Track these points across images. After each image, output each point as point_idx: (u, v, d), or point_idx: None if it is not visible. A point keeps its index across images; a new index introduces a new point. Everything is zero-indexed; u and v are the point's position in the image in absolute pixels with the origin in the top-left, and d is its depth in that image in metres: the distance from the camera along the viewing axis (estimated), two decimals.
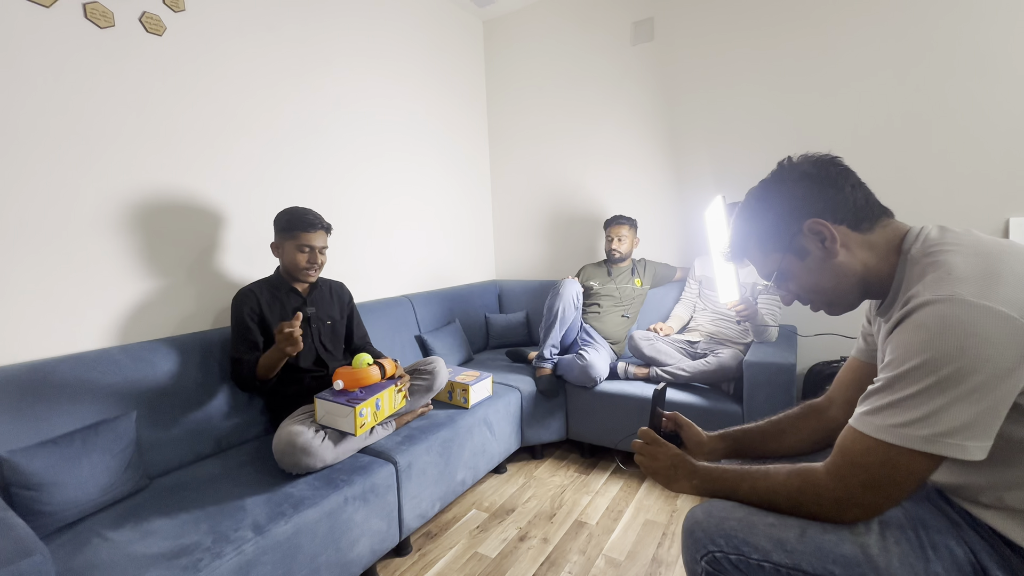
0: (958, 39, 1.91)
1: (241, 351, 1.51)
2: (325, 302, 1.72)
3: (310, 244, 1.58)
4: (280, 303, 1.61)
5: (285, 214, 1.59)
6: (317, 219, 1.60)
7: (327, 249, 1.65)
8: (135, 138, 1.52)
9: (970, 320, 0.56)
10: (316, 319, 1.66)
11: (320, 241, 1.61)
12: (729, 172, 2.42)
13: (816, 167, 0.75)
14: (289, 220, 1.57)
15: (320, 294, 1.71)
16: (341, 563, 1.28)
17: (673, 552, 1.54)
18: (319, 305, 1.69)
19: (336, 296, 1.78)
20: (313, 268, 1.61)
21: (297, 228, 1.56)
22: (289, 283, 1.63)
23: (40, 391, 1.23)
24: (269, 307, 1.58)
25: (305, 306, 1.64)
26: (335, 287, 1.80)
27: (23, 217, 1.30)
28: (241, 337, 1.52)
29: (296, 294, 1.65)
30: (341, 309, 1.78)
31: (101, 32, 1.43)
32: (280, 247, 1.60)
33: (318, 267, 1.62)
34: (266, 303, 1.57)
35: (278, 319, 1.57)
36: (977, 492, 0.68)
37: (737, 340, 2.11)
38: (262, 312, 1.56)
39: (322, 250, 1.62)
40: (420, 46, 2.64)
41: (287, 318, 1.58)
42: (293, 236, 1.57)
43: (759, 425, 0.97)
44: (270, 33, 1.89)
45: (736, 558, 0.71)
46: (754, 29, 2.29)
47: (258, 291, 1.58)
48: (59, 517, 1.11)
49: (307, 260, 1.59)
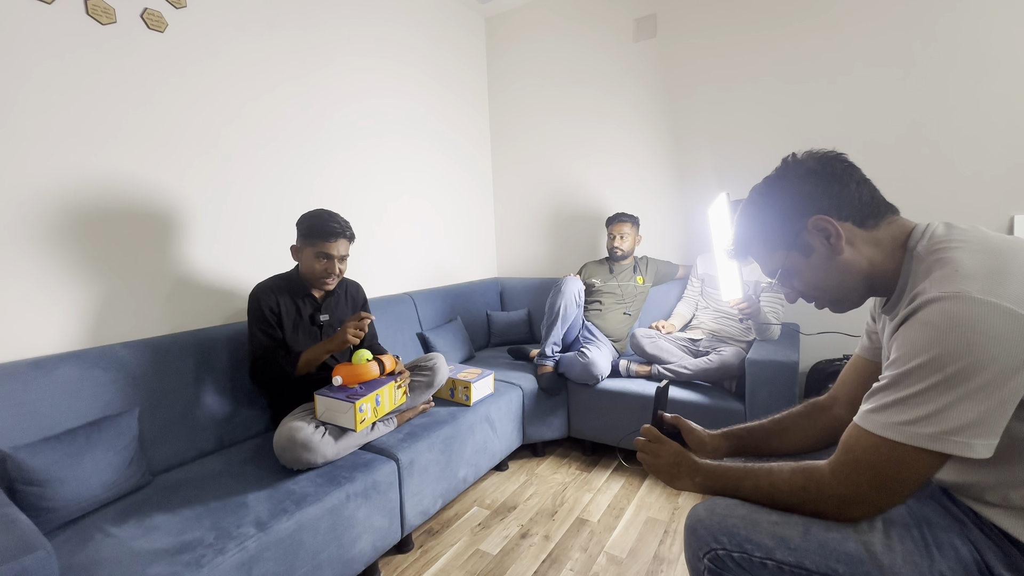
0: (961, 35, 1.89)
1: (267, 350, 1.49)
2: (340, 307, 1.69)
3: (329, 253, 1.52)
4: (296, 307, 1.58)
5: (308, 218, 1.54)
6: (341, 227, 1.53)
7: (348, 258, 1.60)
8: (137, 135, 1.51)
9: (977, 317, 0.56)
10: (328, 327, 1.64)
11: (341, 250, 1.55)
12: (732, 169, 2.41)
13: (821, 163, 0.75)
14: (311, 226, 1.52)
15: (335, 299, 1.68)
16: (343, 560, 1.29)
17: (675, 550, 1.54)
18: (333, 312, 1.66)
19: (351, 299, 1.76)
20: (331, 277, 1.56)
21: (317, 236, 1.51)
22: (307, 287, 1.60)
23: (43, 388, 1.23)
24: (286, 308, 1.56)
25: (318, 313, 1.62)
26: (351, 288, 1.77)
27: (25, 213, 1.31)
28: (265, 335, 1.50)
29: (312, 299, 1.62)
30: (355, 310, 1.75)
31: (102, 29, 1.43)
32: (300, 251, 1.56)
33: (336, 276, 1.57)
34: (284, 303, 1.55)
35: (291, 322, 1.56)
36: (982, 490, 0.68)
37: (739, 338, 2.11)
38: (279, 312, 1.54)
39: (342, 259, 1.57)
40: (422, 43, 2.64)
41: (301, 323, 1.58)
42: (313, 243, 1.52)
43: (762, 423, 0.97)
44: (272, 31, 1.89)
45: (739, 556, 0.71)
46: (757, 25, 2.28)
47: (276, 290, 1.55)
48: (62, 513, 1.11)
49: (325, 269, 1.54)
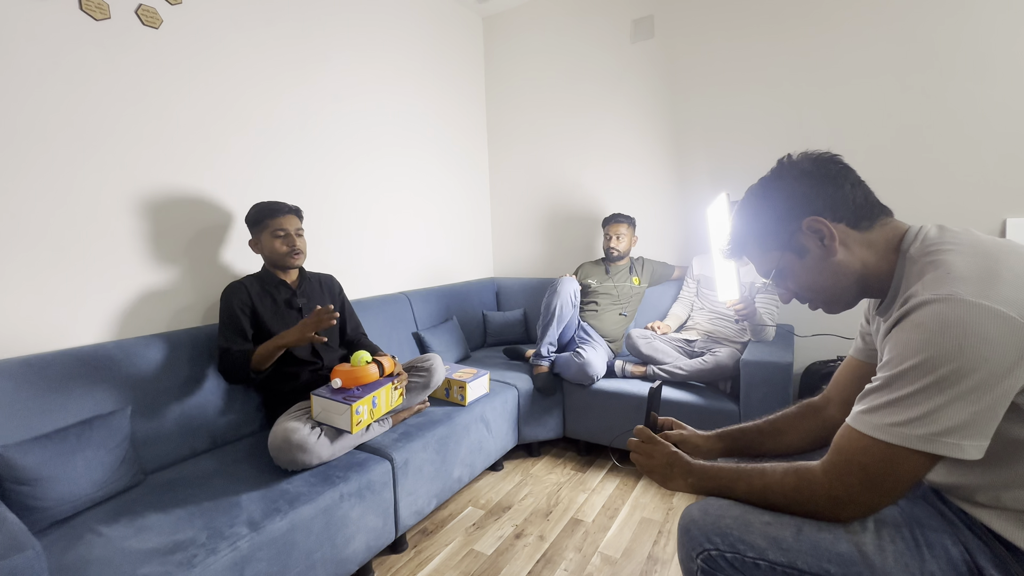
0: (958, 40, 1.91)
1: (231, 341, 1.49)
2: (316, 294, 1.72)
3: (283, 228, 1.58)
4: (271, 296, 1.60)
5: (251, 209, 1.60)
6: (282, 204, 1.61)
7: (303, 232, 1.65)
8: (131, 132, 1.50)
9: (969, 320, 0.56)
10: (309, 310, 1.65)
11: (292, 224, 1.60)
12: (728, 170, 2.41)
13: (816, 165, 0.75)
14: (257, 212, 1.59)
15: (311, 286, 1.71)
16: (337, 560, 1.28)
17: (669, 550, 1.54)
18: (311, 296, 1.69)
19: (327, 289, 1.78)
20: (294, 251, 1.60)
21: (266, 216, 1.57)
22: (277, 276, 1.63)
23: (34, 386, 1.22)
24: (260, 300, 1.57)
25: (295, 297, 1.64)
26: (324, 280, 1.80)
27: (17, 211, 1.29)
28: (231, 327, 1.51)
29: (286, 286, 1.64)
30: (332, 300, 1.78)
31: (97, 24, 1.42)
32: (258, 242, 1.61)
33: (299, 251, 1.61)
34: (256, 295, 1.57)
35: (270, 312, 1.57)
36: (974, 491, 0.68)
37: (734, 339, 2.11)
38: (253, 305, 1.55)
39: (298, 232, 1.62)
40: (419, 42, 2.63)
41: (279, 311, 1.59)
42: (264, 225, 1.57)
43: (756, 424, 0.97)
44: (267, 27, 1.88)
45: (732, 556, 0.71)
46: (754, 27, 2.29)
47: (248, 284, 1.57)
48: (53, 512, 1.10)
49: (285, 244, 1.59)
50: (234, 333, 1.50)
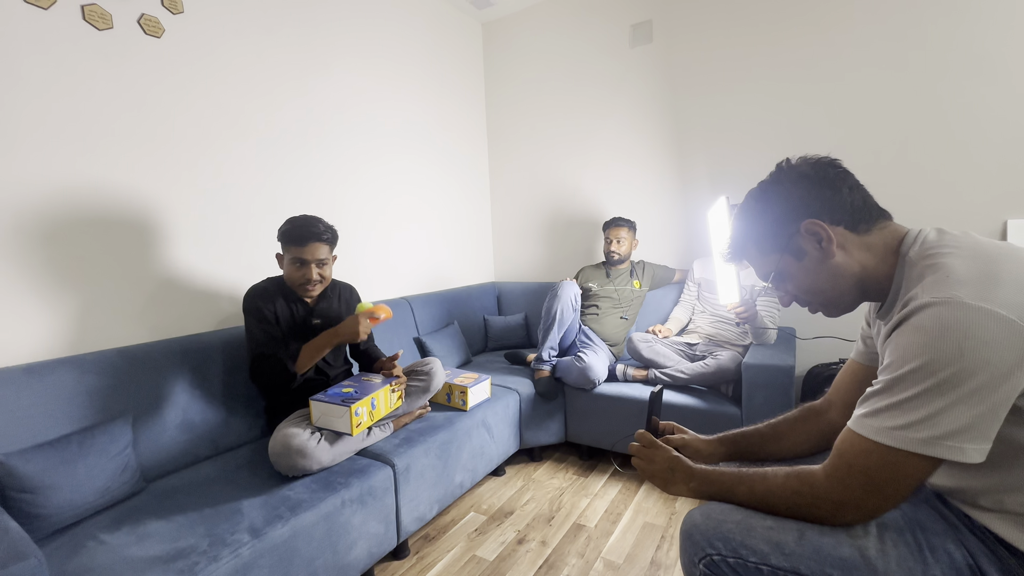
0: (955, 42, 1.91)
1: (268, 347, 1.44)
2: (332, 312, 1.64)
3: (303, 258, 1.47)
4: (290, 311, 1.55)
5: (284, 224, 1.51)
6: (314, 231, 1.47)
7: (328, 262, 1.54)
8: (132, 140, 1.51)
9: (969, 323, 0.56)
10: (324, 329, 1.58)
11: (317, 254, 1.48)
12: (728, 174, 2.42)
13: (814, 169, 0.75)
14: (286, 231, 1.48)
15: (328, 304, 1.64)
16: (338, 566, 1.28)
17: (672, 555, 1.54)
18: (325, 317, 1.62)
19: (344, 303, 1.71)
20: (310, 284, 1.50)
21: (291, 241, 1.47)
22: (295, 292, 1.56)
23: (36, 393, 1.22)
24: (281, 312, 1.53)
25: (311, 317, 1.59)
26: (344, 293, 1.73)
27: (19, 217, 1.30)
28: (266, 333, 1.45)
29: (304, 304, 1.58)
30: (347, 312, 1.70)
31: (100, 34, 1.43)
32: (282, 258, 1.53)
33: (317, 283, 1.52)
34: (279, 306, 1.52)
35: (286, 326, 1.53)
36: (976, 495, 0.68)
37: (736, 342, 2.11)
38: (276, 310, 1.51)
39: (321, 263, 1.51)
40: (419, 49, 2.65)
41: (295, 325, 1.55)
42: (288, 249, 1.49)
43: (758, 428, 0.97)
44: (269, 36, 1.89)
45: (734, 561, 0.71)
46: (752, 31, 2.30)
47: (272, 292, 1.53)
48: (54, 520, 1.10)
49: (302, 275, 1.49)
50: (269, 338, 1.45)
